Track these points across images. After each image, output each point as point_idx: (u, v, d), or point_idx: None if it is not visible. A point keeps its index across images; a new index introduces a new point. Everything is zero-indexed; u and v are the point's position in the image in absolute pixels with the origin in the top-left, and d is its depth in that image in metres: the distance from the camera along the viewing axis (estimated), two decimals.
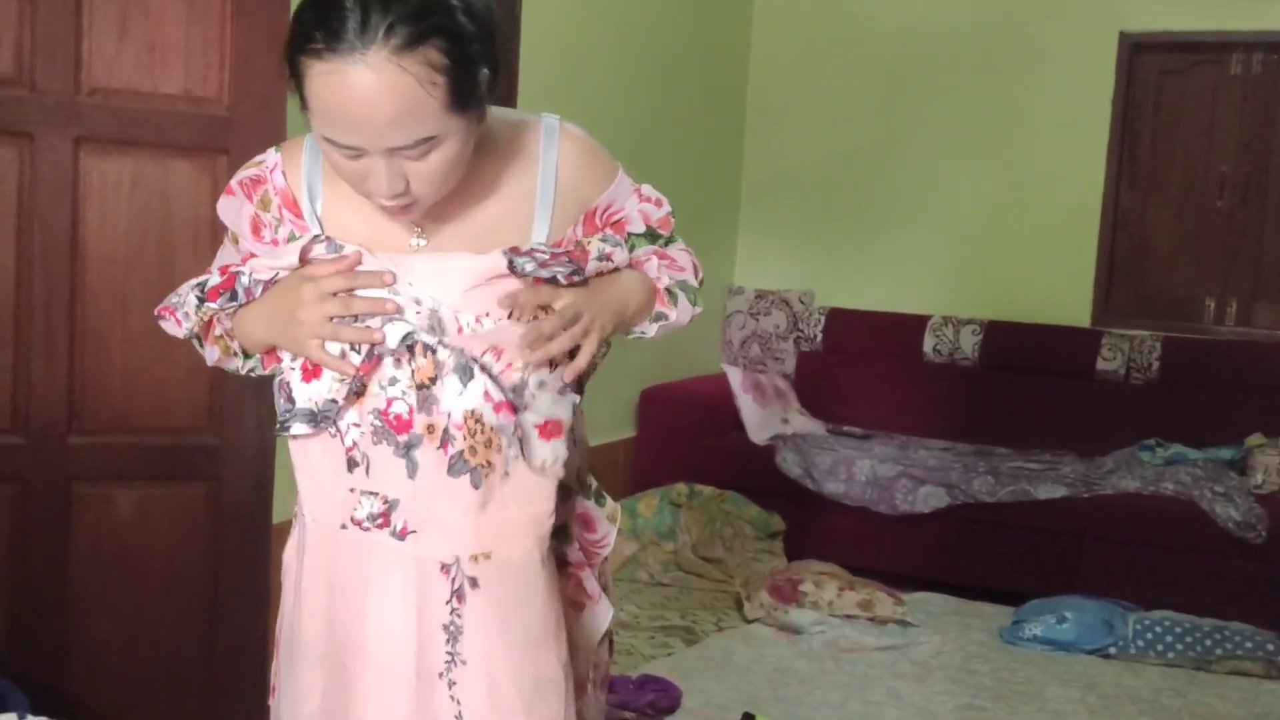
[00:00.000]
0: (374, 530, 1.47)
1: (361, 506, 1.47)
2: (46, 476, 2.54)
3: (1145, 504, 4.45)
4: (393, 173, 1.31)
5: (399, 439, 1.43)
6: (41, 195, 2.50)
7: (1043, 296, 5.38)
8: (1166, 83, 5.24)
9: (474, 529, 1.45)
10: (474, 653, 1.46)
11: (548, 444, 1.47)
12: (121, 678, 2.63)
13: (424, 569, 1.46)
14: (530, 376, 1.45)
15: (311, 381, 1.44)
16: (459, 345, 1.41)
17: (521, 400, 1.44)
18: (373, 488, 1.46)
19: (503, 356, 1.43)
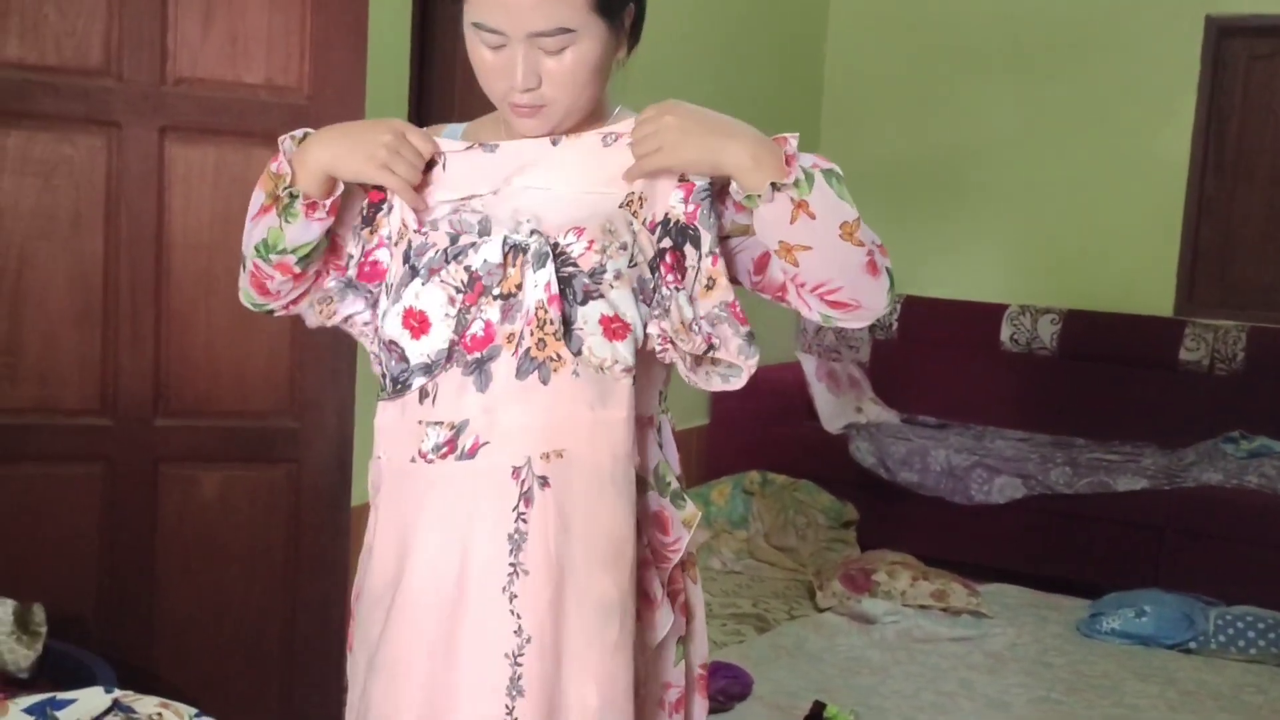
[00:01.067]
0: (437, 461, 1.43)
1: (428, 438, 1.43)
2: (134, 458, 2.61)
3: (1228, 497, 4.37)
4: (529, 65, 1.39)
5: (470, 357, 1.41)
6: (128, 183, 2.56)
7: (1124, 285, 5.29)
8: (1254, 67, 5.12)
9: (547, 427, 1.41)
10: (537, 560, 1.40)
11: (611, 343, 1.40)
12: (204, 654, 2.69)
13: (494, 478, 1.41)
14: (609, 262, 1.40)
15: (422, 337, 1.42)
16: (548, 233, 1.40)
17: (597, 285, 1.39)
18: (438, 417, 1.43)
19: (584, 235, 1.40)
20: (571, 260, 1.39)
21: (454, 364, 1.42)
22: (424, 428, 1.44)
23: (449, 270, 1.42)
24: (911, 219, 5.73)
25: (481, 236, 1.43)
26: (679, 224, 1.42)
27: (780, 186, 1.34)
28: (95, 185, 2.55)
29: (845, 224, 1.36)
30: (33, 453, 2.56)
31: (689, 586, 1.56)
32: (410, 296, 1.42)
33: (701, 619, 1.59)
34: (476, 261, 1.40)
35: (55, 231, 2.53)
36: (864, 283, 1.40)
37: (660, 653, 1.52)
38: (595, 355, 1.39)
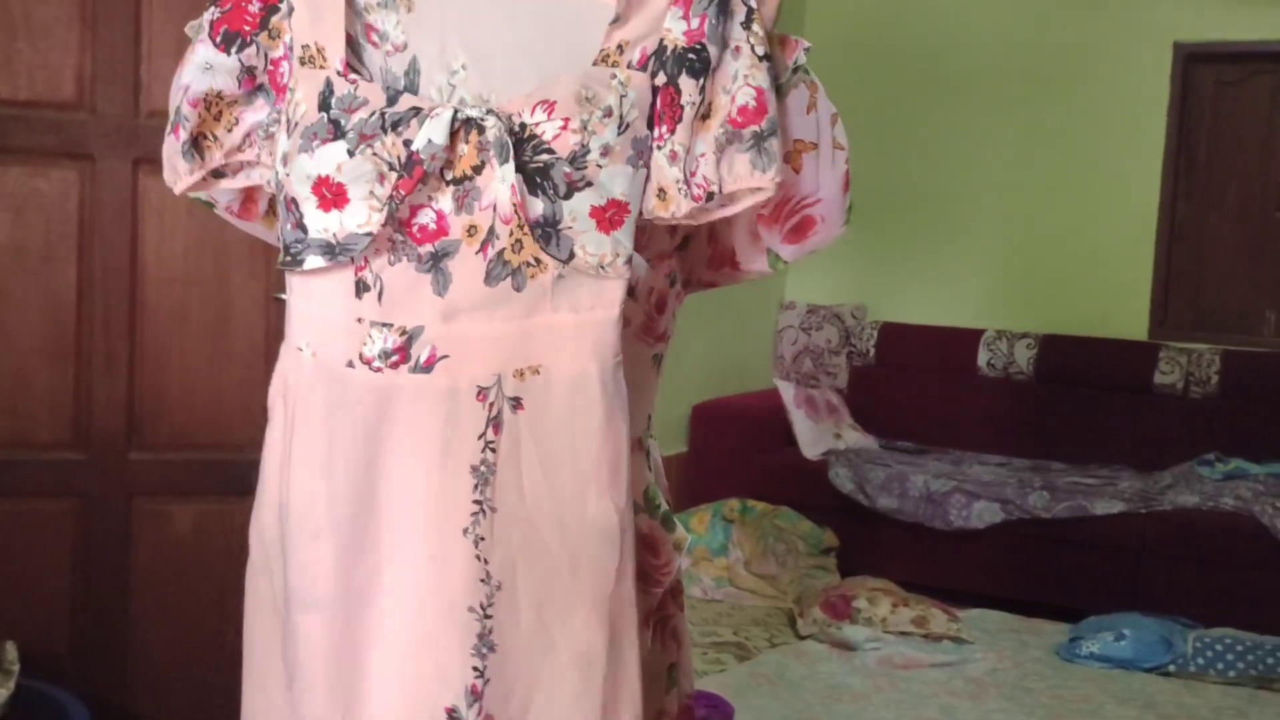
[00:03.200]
0: (386, 370, 1.21)
1: (372, 342, 1.21)
2: (107, 492, 2.59)
3: (1205, 519, 4.39)
4: None
5: (423, 250, 1.20)
6: (102, 216, 2.55)
7: (1098, 310, 5.33)
8: (1222, 93, 5.18)
9: (518, 340, 1.20)
10: (507, 494, 1.21)
11: (610, 235, 1.19)
12: (180, 691, 2.66)
13: (455, 400, 1.21)
14: (593, 139, 1.18)
15: (332, 210, 1.20)
16: (507, 110, 1.18)
17: (581, 172, 1.18)
18: (386, 318, 1.21)
19: (556, 111, 1.17)
20: (545, 145, 1.18)
21: (402, 256, 1.20)
22: (365, 327, 1.21)
23: (384, 141, 1.18)
24: (887, 246, 5.76)
25: (407, 91, 1.20)
26: (677, 51, 1.20)
27: (798, 68, 1.25)
28: (68, 218, 2.54)
29: (833, 114, 1.31)
30: (4, 487, 2.54)
31: (676, 613, 1.51)
32: (328, 163, 1.19)
33: (689, 647, 1.55)
34: (419, 140, 1.17)
35: (27, 265, 2.52)
36: (837, 195, 1.34)
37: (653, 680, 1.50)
38: (591, 254, 1.19)
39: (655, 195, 1.22)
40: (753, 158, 1.20)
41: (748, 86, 1.20)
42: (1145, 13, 5.21)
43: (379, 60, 1.24)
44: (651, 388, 1.47)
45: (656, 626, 1.49)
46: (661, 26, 1.21)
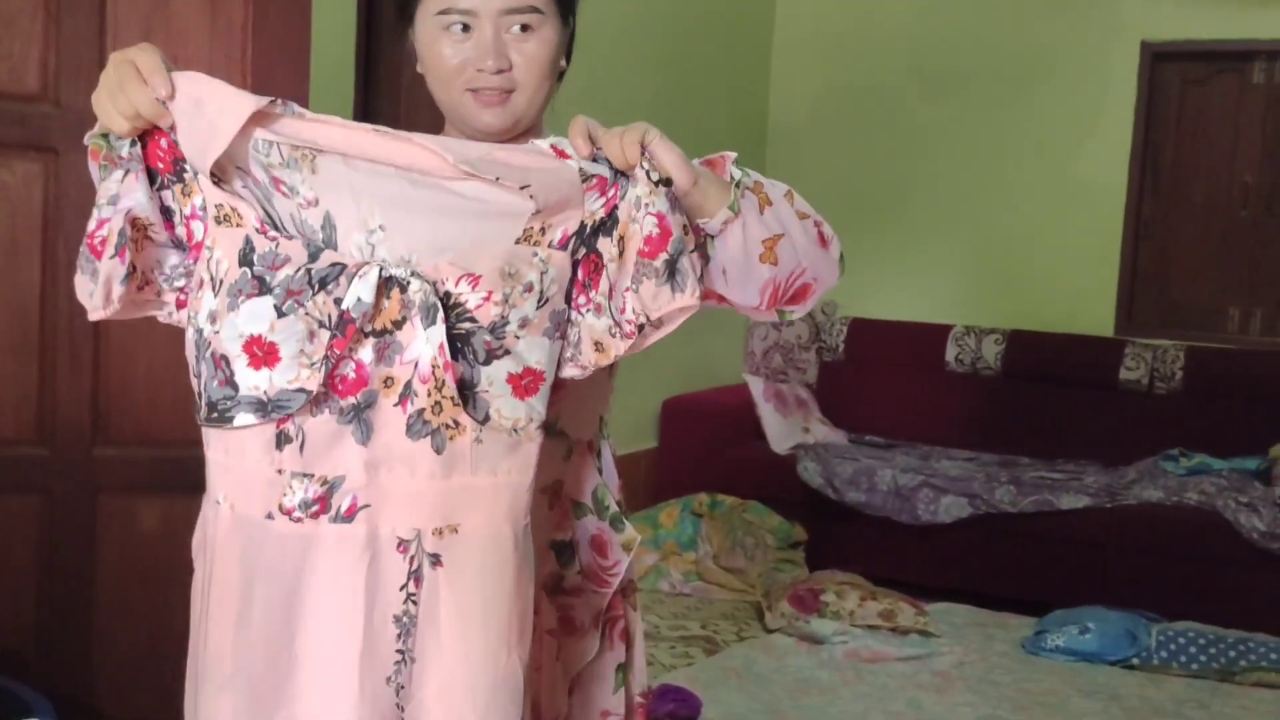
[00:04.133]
0: (307, 520, 1.24)
1: (292, 492, 1.24)
2: (72, 488, 2.57)
3: (1169, 514, 4.43)
4: (500, 44, 1.38)
5: (345, 402, 1.23)
6: (66, 210, 2.53)
7: (1065, 306, 5.37)
8: (1189, 92, 5.22)
9: (438, 499, 1.24)
10: (427, 647, 1.25)
11: (524, 401, 1.25)
12: (145, 688, 2.64)
13: (376, 549, 1.24)
14: (513, 312, 1.23)
15: (262, 369, 1.21)
16: (431, 275, 1.22)
17: (500, 341, 1.23)
18: (307, 468, 1.24)
19: (480, 284, 1.22)
20: (468, 314, 1.23)
21: (324, 409, 1.23)
22: (286, 478, 1.24)
23: (315, 301, 1.21)
24: (856, 242, 5.74)
25: (327, 247, 1.23)
26: (595, 222, 1.28)
27: (738, 184, 1.33)
28: (32, 212, 2.51)
29: (788, 193, 1.36)
30: None
31: (629, 613, 1.54)
32: (260, 321, 1.21)
33: (641, 646, 1.57)
34: (349, 299, 1.20)
35: None
36: (820, 257, 1.39)
37: (598, 680, 1.50)
38: (506, 418, 1.25)
39: (593, 349, 1.28)
40: (670, 283, 1.25)
41: (649, 215, 1.25)
42: (1113, 12, 5.24)
43: (291, 210, 1.24)
44: (604, 390, 1.50)
45: (605, 627, 1.50)
46: (583, 210, 1.27)
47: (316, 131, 1.23)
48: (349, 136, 1.22)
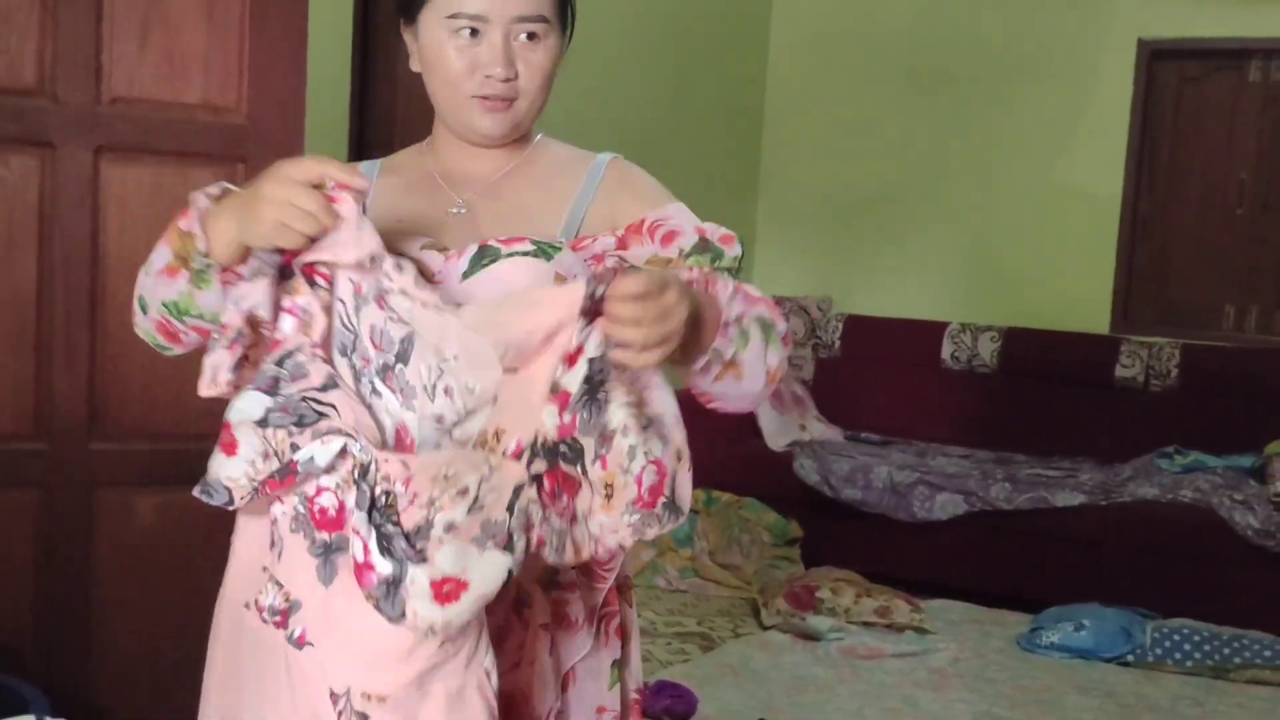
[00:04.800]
0: (270, 625, 1.31)
1: (266, 593, 1.32)
2: (69, 482, 2.57)
3: (1164, 512, 4.44)
4: (508, 51, 1.39)
5: (319, 536, 1.27)
6: (62, 204, 2.52)
7: (1061, 304, 5.37)
8: (1185, 90, 5.23)
9: (374, 661, 1.26)
10: None
11: (441, 607, 1.20)
12: (142, 682, 2.64)
13: (312, 690, 1.28)
14: (438, 518, 1.20)
15: (231, 456, 1.27)
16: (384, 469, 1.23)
17: (420, 550, 1.20)
18: (280, 578, 1.31)
19: (410, 485, 1.22)
20: (393, 516, 1.21)
21: (301, 530, 1.28)
22: (266, 577, 1.31)
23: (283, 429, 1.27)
24: (854, 238, 5.79)
25: (399, 361, 1.30)
26: (548, 444, 1.25)
27: (716, 353, 1.32)
28: (28, 206, 2.51)
29: (769, 371, 1.37)
30: None
31: (624, 609, 1.53)
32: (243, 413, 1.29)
33: (637, 642, 1.57)
34: (303, 453, 1.25)
35: None
36: (759, 401, 1.43)
37: (594, 676, 1.50)
38: (421, 620, 1.21)
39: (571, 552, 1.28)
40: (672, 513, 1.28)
41: (648, 464, 1.26)
42: (1110, 9, 5.25)
43: (378, 321, 1.31)
44: None
45: (600, 623, 1.49)
46: (538, 419, 1.25)
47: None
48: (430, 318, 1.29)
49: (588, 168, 1.51)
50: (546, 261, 1.36)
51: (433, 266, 1.36)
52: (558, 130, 1.56)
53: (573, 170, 1.51)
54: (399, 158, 1.57)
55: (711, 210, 1.49)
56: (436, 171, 1.51)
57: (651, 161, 1.52)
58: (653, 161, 1.52)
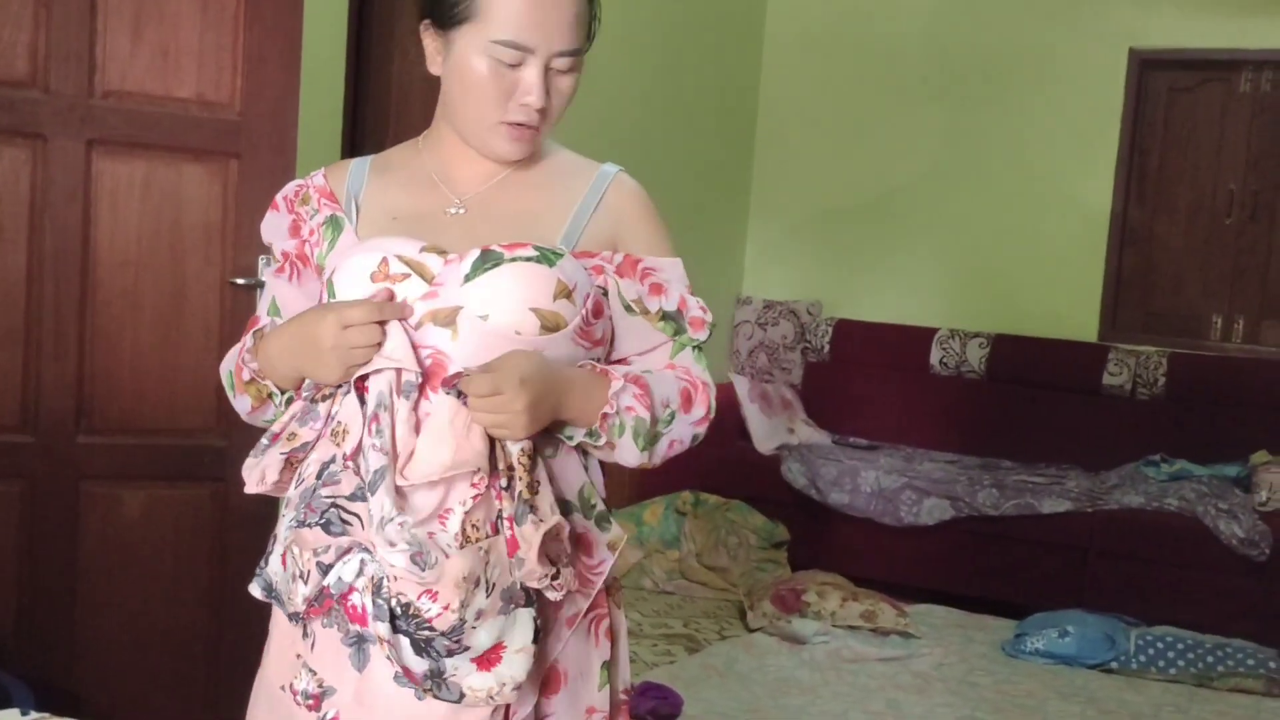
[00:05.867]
0: (303, 709, 1.38)
1: (301, 678, 1.40)
2: (55, 475, 2.56)
3: (1149, 519, 4.45)
4: (545, 82, 1.42)
5: (352, 628, 1.35)
6: (53, 196, 2.52)
7: (1050, 311, 5.39)
8: (1176, 100, 5.25)
9: None
10: None
11: (489, 672, 1.34)
12: (127, 676, 2.64)
13: None
14: (468, 614, 1.32)
15: (284, 563, 1.38)
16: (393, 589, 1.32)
17: (459, 640, 1.32)
18: (313, 665, 1.39)
19: (439, 598, 1.31)
20: (426, 624, 1.31)
21: (334, 622, 1.36)
22: (300, 664, 1.40)
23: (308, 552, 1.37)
24: (844, 243, 5.80)
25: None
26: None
27: (592, 433, 1.42)
28: (19, 198, 2.51)
29: (642, 462, 1.48)
30: None
31: (613, 611, 1.54)
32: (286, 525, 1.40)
33: (624, 643, 1.57)
34: (333, 576, 1.35)
35: None
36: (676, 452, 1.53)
37: (583, 678, 1.49)
38: (479, 691, 1.34)
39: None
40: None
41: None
42: (1102, 19, 5.27)
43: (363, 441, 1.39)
44: None
45: (590, 625, 1.50)
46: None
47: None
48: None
49: (591, 180, 1.51)
50: (549, 267, 1.37)
51: (432, 269, 1.37)
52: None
53: (576, 179, 1.51)
54: (391, 156, 1.57)
55: (703, 213, 1.51)
56: (434, 171, 1.51)
57: (644, 166, 1.53)
58: (646, 166, 1.53)
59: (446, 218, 1.47)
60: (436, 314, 1.37)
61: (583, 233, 1.48)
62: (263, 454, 1.43)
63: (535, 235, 1.42)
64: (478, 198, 1.49)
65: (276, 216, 1.54)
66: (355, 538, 1.34)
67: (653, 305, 1.47)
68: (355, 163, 1.56)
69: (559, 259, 1.38)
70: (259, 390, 1.47)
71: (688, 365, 1.51)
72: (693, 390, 1.50)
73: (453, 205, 1.49)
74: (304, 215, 1.52)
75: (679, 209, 1.51)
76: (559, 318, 1.37)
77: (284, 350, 1.41)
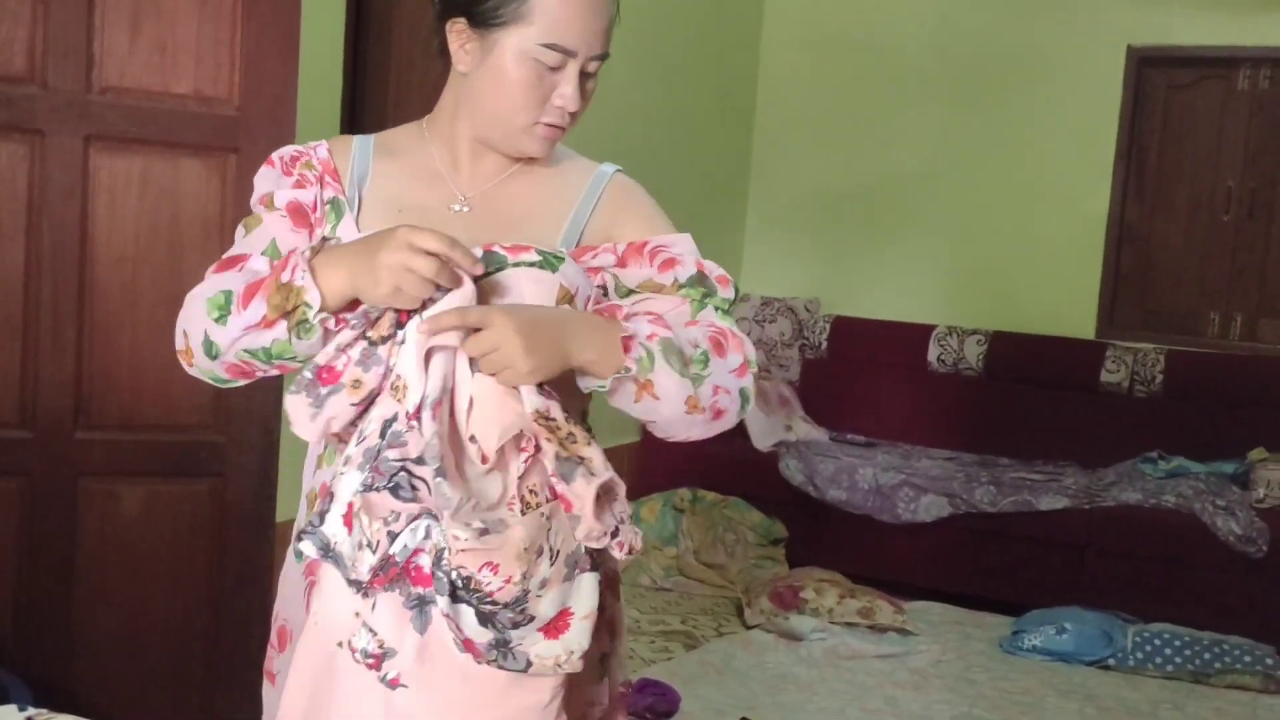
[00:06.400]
0: (363, 666, 1.36)
1: (360, 636, 1.36)
2: (53, 471, 2.56)
3: (1146, 516, 4.46)
4: (582, 85, 1.45)
5: (414, 590, 1.34)
6: (51, 193, 2.52)
7: (1048, 308, 5.39)
8: (1174, 97, 5.25)
9: (470, 707, 1.35)
10: None
11: (556, 640, 1.34)
12: (125, 672, 2.64)
13: None
14: (531, 584, 1.32)
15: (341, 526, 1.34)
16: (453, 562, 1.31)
17: (523, 610, 1.32)
18: (374, 625, 1.36)
19: (500, 571, 1.31)
20: (489, 598, 1.31)
21: (397, 587, 1.34)
22: (359, 622, 1.35)
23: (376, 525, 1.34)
24: (841, 241, 5.80)
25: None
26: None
27: (623, 375, 1.33)
28: (16, 194, 2.50)
29: (689, 398, 1.36)
30: None
31: (612, 604, 1.55)
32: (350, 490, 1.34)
33: (624, 637, 1.58)
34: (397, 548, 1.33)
35: None
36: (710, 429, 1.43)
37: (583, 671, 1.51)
38: (546, 659, 1.34)
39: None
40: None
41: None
42: (1100, 16, 5.27)
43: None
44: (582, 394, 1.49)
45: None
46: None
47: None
48: None
49: (590, 178, 1.52)
50: (552, 273, 1.38)
51: None
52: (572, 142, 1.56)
53: (576, 179, 1.52)
54: (395, 138, 1.56)
55: (701, 210, 1.52)
56: (440, 163, 1.51)
57: (642, 164, 1.54)
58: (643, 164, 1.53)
59: (450, 214, 1.48)
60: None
61: (582, 233, 1.49)
62: (323, 398, 1.35)
63: (536, 236, 1.43)
64: (481, 196, 1.49)
65: (273, 172, 1.52)
66: (424, 503, 1.32)
67: (666, 279, 1.44)
68: (358, 142, 1.54)
69: (561, 264, 1.39)
70: (285, 299, 1.34)
71: (710, 320, 1.42)
72: (723, 338, 1.40)
73: (457, 202, 1.49)
74: (309, 178, 1.49)
75: (676, 207, 1.50)
76: None
77: (344, 255, 1.35)
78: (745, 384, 1.41)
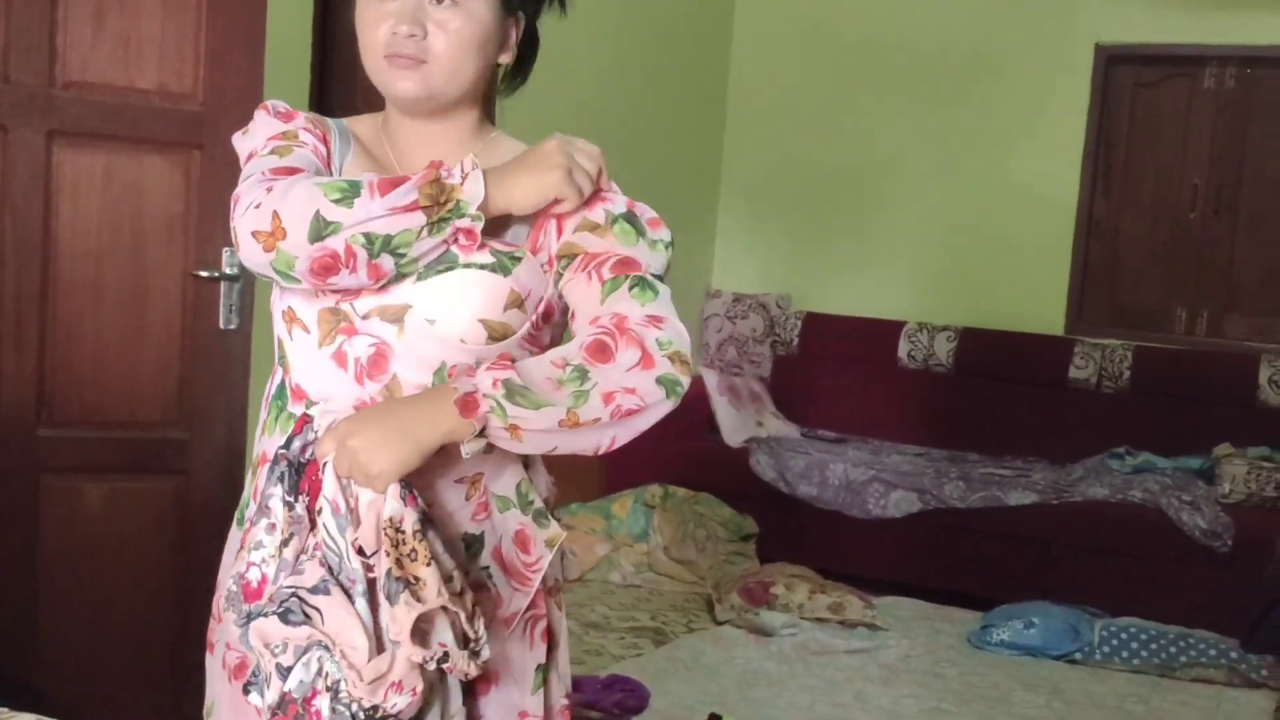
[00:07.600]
0: None
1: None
2: (15, 468, 2.54)
3: (1113, 512, 4.49)
4: (417, 10, 1.39)
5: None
6: (14, 188, 2.50)
7: (1017, 305, 5.42)
8: (1141, 95, 5.29)
9: None
10: None
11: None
12: (88, 670, 2.62)
13: None
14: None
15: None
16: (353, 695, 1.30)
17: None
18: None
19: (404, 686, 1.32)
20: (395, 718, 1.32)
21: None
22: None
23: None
24: (810, 236, 5.81)
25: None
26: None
27: (484, 431, 1.27)
28: None
29: (561, 420, 1.27)
30: None
31: (552, 612, 1.51)
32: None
33: (564, 647, 1.53)
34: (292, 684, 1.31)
35: None
36: (630, 429, 1.32)
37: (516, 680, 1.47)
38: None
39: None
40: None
41: None
42: (1068, 14, 5.30)
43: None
44: None
45: (527, 625, 1.47)
46: None
47: None
48: None
49: None
50: (504, 276, 1.36)
51: None
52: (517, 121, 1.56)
53: None
54: (359, 127, 1.54)
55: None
56: (393, 156, 1.50)
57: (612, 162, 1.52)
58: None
59: None
60: (385, 310, 1.36)
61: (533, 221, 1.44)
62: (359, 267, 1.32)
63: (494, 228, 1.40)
64: None
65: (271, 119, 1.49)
66: (314, 633, 1.29)
67: (597, 215, 1.41)
68: (335, 125, 1.53)
69: (516, 265, 1.37)
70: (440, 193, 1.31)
71: (613, 311, 1.35)
72: (610, 338, 1.31)
73: None
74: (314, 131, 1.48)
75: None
76: (507, 327, 1.37)
77: (505, 167, 1.38)
78: (658, 373, 1.30)
